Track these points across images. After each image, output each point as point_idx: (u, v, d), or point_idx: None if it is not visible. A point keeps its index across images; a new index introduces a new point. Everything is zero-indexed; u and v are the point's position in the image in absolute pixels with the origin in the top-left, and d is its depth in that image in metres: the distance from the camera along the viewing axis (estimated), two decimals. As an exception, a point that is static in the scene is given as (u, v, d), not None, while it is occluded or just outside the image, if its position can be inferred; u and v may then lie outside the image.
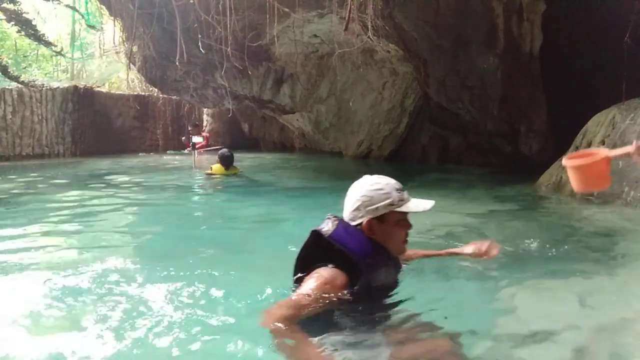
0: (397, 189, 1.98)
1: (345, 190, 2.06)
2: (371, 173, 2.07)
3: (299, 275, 1.98)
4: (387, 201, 1.94)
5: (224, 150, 8.02)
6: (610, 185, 2.18)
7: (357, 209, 1.96)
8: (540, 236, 3.62)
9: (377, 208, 1.93)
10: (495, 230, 3.85)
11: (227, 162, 7.70)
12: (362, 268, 1.85)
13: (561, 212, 4.72)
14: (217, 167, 7.61)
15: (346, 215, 2.00)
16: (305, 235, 2.02)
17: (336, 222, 1.95)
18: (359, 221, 1.95)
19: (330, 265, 1.86)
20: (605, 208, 4.45)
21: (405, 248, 2.05)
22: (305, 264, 1.96)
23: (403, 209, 1.97)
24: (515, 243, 3.36)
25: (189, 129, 13.87)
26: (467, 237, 3.35)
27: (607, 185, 2.14)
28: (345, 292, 1.82)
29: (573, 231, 3.88)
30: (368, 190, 1.96)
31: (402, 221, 1.99)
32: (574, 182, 2.14)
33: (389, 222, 1.96)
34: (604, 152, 2.11)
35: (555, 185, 5.68)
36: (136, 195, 6.31)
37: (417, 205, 2.00)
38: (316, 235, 1.96)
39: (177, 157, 12.44)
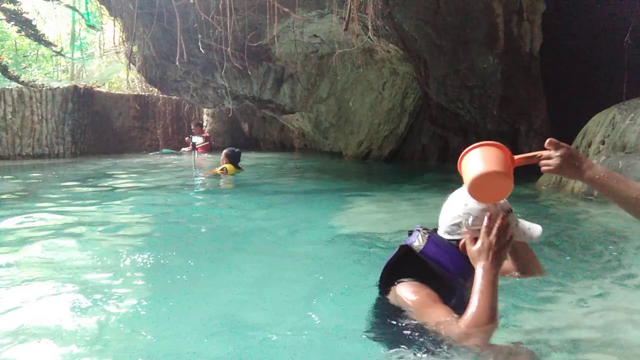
0: (506, 210, 1.74)
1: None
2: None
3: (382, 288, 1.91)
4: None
5: (230, 148, 8.12)
6: (508, 193, 1.66)
7: (458, 225, 1.77)
8: (540, 236, 3.62)
9: (479, 230, 1.73)
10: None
11: (237, 159, 7.82)
12: (456, 286, 1.75)
13: (561, 211, 4.72)
14: (230, 168, 7.64)
15: (442, 226, 1.83)
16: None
17: (427, 235, 1.81)
18: (456, 237, 1.78)
19: (410, 279, 1.78)
20: (605, 208, 4.45)
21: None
22: (390, 279, 1.86)
23: (516, 236, 1.77)
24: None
25: (192, 128, 13.90)
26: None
27: (507, 188, 1.64)
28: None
29: (573, 231, 3.88)
30: (474, 208, 1.74)
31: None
32: (468, 175, 1.66)
33: None
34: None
35: (555, 185, 5.69)
36: (136, 196, 6.31)
37: (525, 232, 1.78)
38: (405, 249, 1.83)
39: (172, 156, 12.42)
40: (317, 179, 8.08)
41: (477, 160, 1.68)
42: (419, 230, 1.85)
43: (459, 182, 1.84)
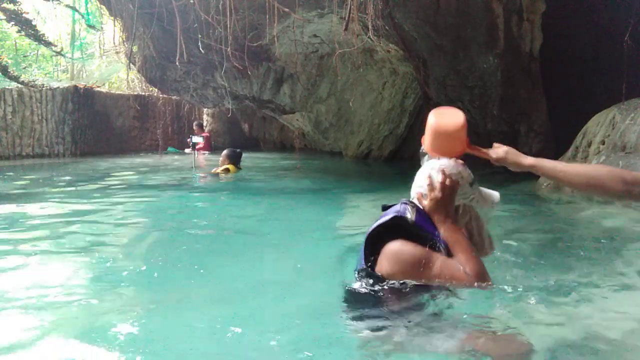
0: (471, 183, 2.05)
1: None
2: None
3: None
4: (461, 195, 2.02)
5: (231, 148, 8.15)
6: (459, 153, 2.01)
7: (423, 195, 2.06)
8: (540, 236, 3.63)
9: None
10: (496, 230, 3.85)
11: (239, 159, 7.86)
12: (442, 250, 1.98)
13: (561, 212, 4.72)
14: (232, 168, 7.67)
15: (413, 193, 2.10)
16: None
17: (415, 208, 2.03)
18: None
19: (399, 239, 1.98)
20: (605, 208, 4.45)
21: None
22: (374, 245, 2.03)
23: (473, 204, 2.06)
24: (515, 243, 3.36)
25: (194, 127, 13.91)
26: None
27: (460, 147, 2.00)
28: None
29: (573, 231, 3.88)
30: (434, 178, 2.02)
31: (469, 211, 2.08)
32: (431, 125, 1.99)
33: (458, 211, 2.05)
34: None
35: (555, 185, 5.68)
36: (136, 196, 6.31)
37: (486, 199, 2.06)
38: (397, 219, 2.00)
39: (175, 156, 12.44)
40: (317, 179, 8.08)
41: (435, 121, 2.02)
42: (406, 204, 2.05)
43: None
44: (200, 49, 8.04)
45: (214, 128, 15.96)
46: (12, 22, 10.65)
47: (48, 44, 11.55)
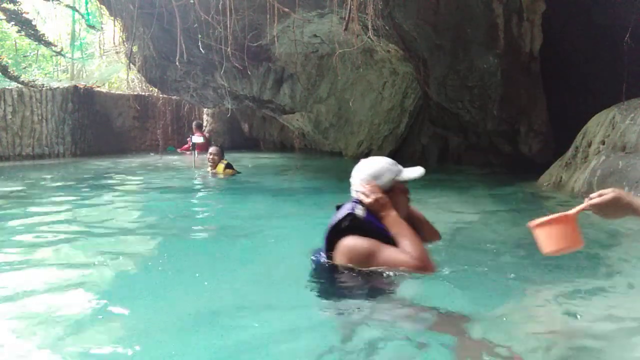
0: (393, 164, 2.49)
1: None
2: None
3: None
4: (390, 174, 2.41)
5: (219, 145, 8.20)
6: (582, 245, 1.95)
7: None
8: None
9: (383, 182, 2.40)
10: (496, 230, 3.85)
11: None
12: (389, 241, 2.28)
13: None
14: (220, 167, 7.69)
15: (354, 194, 2.45)
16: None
17: (364, 208, 2.33)
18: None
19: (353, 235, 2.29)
20: (605, 208, 4.43)
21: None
22: (333, 240, 2.35)
23: (404, 177, 2.45)
24: (515, 243, 3.36)
25: (193, 127, 13.90)
26: (467, 237, 3.35)
27: (578, 244, 1.94)
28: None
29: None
30: (371, 170, 2.45)
31: (404, 188, 2.49)
32: (542, 243, 1.94)
33: (396, 192, 2.42)
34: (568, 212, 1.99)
35: (555, 185, 5.69)
36: (135, 196, 6.31)
37: (412, 172, 2.48)
38: (351, 217, 2.32)
39: (175, 156, 12.44)
40: (317, 179, 8.08)
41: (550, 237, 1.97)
42: (356, 202, 2.38)
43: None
44: (200, 49, 8.04)
45: (214, 128, 15.96)
46: (12, 22, 10.65)
47: (48, 44, 11.55)
